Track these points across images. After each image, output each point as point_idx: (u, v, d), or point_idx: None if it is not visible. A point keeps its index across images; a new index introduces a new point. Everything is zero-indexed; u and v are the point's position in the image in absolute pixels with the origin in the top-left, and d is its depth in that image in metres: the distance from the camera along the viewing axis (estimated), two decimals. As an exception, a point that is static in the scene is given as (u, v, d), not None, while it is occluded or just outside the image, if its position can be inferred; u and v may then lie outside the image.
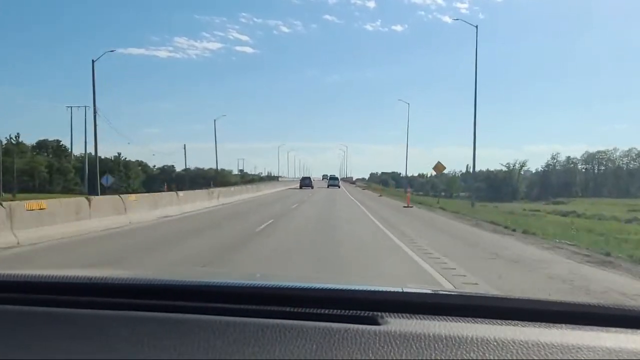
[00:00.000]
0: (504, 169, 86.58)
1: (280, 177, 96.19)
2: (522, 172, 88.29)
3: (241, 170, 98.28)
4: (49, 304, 1.01)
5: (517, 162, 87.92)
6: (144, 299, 1.02)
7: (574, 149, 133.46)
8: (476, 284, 5.79)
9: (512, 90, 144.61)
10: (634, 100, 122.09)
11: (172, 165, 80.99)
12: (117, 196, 13.28)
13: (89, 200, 10.97)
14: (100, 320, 0.94)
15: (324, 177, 77.74)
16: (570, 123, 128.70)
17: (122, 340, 0.87)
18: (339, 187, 54.31)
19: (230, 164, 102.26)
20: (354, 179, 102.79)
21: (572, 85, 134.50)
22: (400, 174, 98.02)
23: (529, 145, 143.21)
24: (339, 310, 0.94)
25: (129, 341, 0.87)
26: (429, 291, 1.16)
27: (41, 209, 9.21)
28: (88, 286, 1.09)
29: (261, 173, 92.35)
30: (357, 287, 1.12)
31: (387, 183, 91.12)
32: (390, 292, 1.13)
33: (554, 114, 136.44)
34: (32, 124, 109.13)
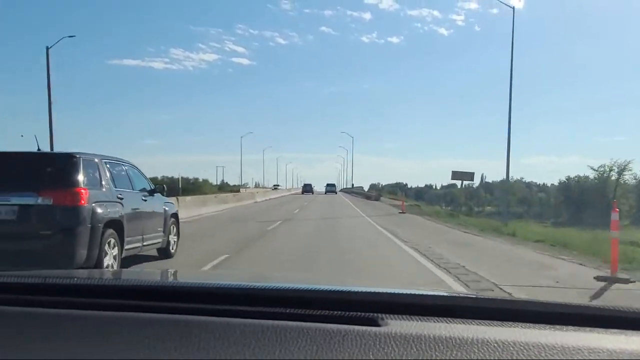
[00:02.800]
0: (593, 175, 56.98)
1: (245, 186, 73.14)
2: (622, 181, 55.95)
3: (222, 181, 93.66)
4: (50, 305, 1.07)
5: (615, 165, 55.63)
6: (145, 300, 1.09)
7: (571, 160, 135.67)
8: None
9: (508, 102, 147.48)
10: (632, 111, 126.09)
11: None
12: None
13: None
14: (101, 322, 1.00)
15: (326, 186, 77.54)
16: (568, 135, 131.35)
17: (122, 342, 0.93)
18: (336, 193, 66.27)
19: (223, 175, 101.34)
20: (370, 191, 66.85)
21: (569, 96, 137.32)
22: (405, 184, 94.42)
23: (527, 158, 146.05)
24: (339, 312, 1.00)
25: (129, 342, 0.92)
26: (429, 293, 1.22)
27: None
28: (88, 287, 1.17)
29: (247, 184, 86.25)
30: (357, 289, 1.19)
31: (395, 194, 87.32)
32: (390, 293, 1.20)
33: (551, 125, 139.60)
34: None
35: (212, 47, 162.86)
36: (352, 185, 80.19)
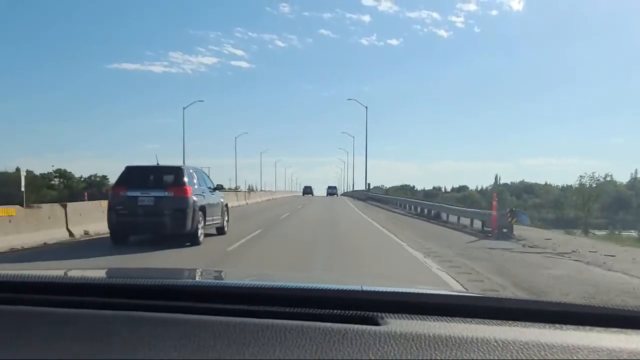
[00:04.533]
0: None
1: (238, 189, 60.12)
2: None
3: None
4: (49, 304, 1.12)
5: None
6: (144, 299, 1.14)
7: (569, 162, 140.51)
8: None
9: (509, 103, 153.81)
10: (630, 114, 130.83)
11: (105, 176, 75.84)
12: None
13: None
14: (100, 321, 1.05)
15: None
16: (566, 137, 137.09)
17: (122, 341, 0.98)
18: (337, 196, 69.41)
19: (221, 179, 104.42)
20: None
21: (568, 98, 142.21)
22: (413, 186, 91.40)
23: (526, 159, 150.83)
24: (339, 311, 1.04)
25: (129, 341, 0.97)
26: (429, 291, 1.28)
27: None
28: (88, 286, 1.22)
29: (239, 187, 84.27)
30: (357, 288, 1.25)
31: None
32: (390, 292, 1.25)
33: (549, 127, 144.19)
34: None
35: (211, 51, 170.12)
36: (368, 186, 52.16)
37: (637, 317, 1.03)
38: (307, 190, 79.13)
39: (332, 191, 76.73)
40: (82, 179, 77.68)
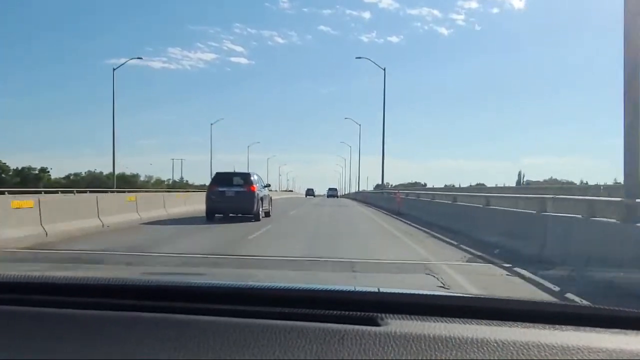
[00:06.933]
0: None
1: None
2: None
3: (181, 178, 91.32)
4: (49, 304, 1.19)
5: None
6: (144, 299, 1.20)
7: (570, 161, 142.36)
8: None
9: (510, 102, 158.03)
10: None
11: (44, 169, 72.63)
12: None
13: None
14: (100, 321, 1.11)
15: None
16: (567, 135, 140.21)
17: (122, 341, 1.04)
18: (338, 197, 72.24)
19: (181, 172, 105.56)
20: None
21: (569, 97, 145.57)
22: (424, 184, 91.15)
23: (527, 158, 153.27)
24: (339, 311, 1.10)
25: (129, 342, 1.03)
26: (429, 292, 1.34)
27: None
28: (88, 287, 1.29)
29: None
30: (357, 288, 1.32)
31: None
32: (390, 293, 1.31)
33: (550, 126, 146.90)
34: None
35: (211, 47, 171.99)
36: (381, 187, 37.10)
37: (636, 317, 1.06)
38: (310, 192, 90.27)
39: (332, 193, 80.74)
40: (17, 171, 73.57)
